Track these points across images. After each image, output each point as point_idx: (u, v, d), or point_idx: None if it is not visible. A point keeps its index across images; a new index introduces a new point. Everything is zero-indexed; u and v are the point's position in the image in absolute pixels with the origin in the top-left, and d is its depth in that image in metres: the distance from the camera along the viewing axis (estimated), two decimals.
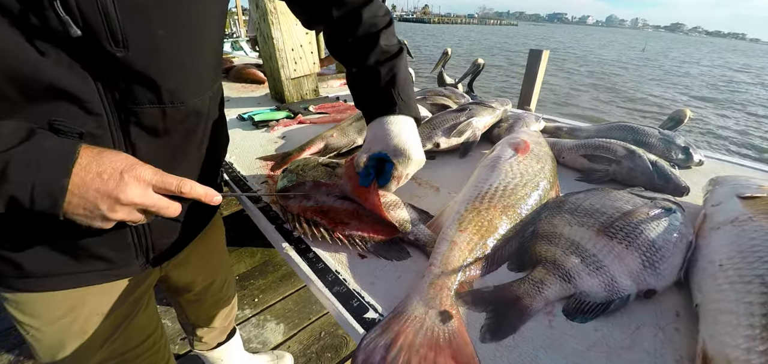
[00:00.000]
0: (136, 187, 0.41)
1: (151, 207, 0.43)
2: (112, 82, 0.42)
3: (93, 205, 0.39)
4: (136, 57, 0.42)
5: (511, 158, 0.69)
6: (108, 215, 0.40)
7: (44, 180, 0.36)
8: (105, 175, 0.39)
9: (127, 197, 0.40)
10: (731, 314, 0.38)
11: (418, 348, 0.38)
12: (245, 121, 1.24)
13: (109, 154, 0.40)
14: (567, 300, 0.46)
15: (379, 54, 0.62)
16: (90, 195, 0.38)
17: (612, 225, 0.51)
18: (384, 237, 0.58)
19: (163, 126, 0.49)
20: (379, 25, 0.63)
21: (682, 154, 0.83)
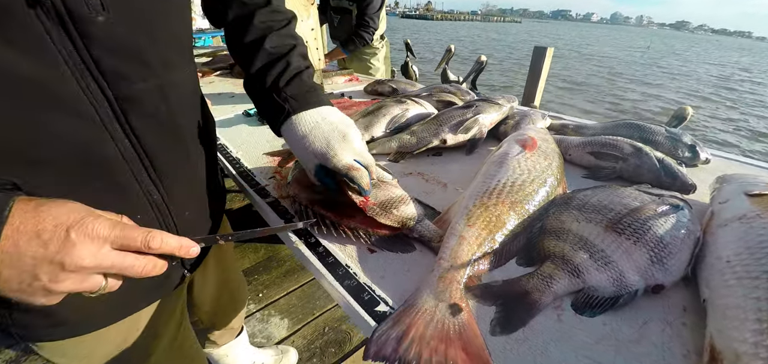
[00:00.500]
0: (87, 246, 0.31)
1: (110, 269, 0.33)
2: (99, 61, 0.35)
3: (30, 275, 0.30)
4: (120, 20, 0.35)
5: (518, 155, 0.69)
6: (50, 287, 0.31)
7: None
8: (45, 234, 0.30)
9: (75, 261, 0.31)
10: (739, 309, 0.39)
11: (429, 340, 0.39)
12: (251, 117, 1.25)
13: (51, 207, 0.31)
14: (576, 295, 0.47)
15: (265, 57, 0.57)
16: (25, 263, 0.29)
17: (620, 221, 0.51)
18: (388, 232, 0.58)
19: (165, 107, 0.43)
20: (274, 27, 0.59)
21: (688, 152, 0.83)
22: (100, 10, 0.34)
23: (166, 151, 0.45)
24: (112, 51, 0.36)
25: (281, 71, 0.57)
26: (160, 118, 0.44)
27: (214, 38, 6.18)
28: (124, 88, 0.38)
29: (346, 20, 2.29)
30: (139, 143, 0.41)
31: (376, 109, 1.04)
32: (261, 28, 0.58)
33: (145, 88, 0.40)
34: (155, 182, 0.45)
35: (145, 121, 0.41)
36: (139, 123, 0.41)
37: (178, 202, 0.50)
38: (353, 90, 1.70)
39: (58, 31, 0.32)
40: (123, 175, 0.41)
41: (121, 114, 0.39)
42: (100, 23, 0.34)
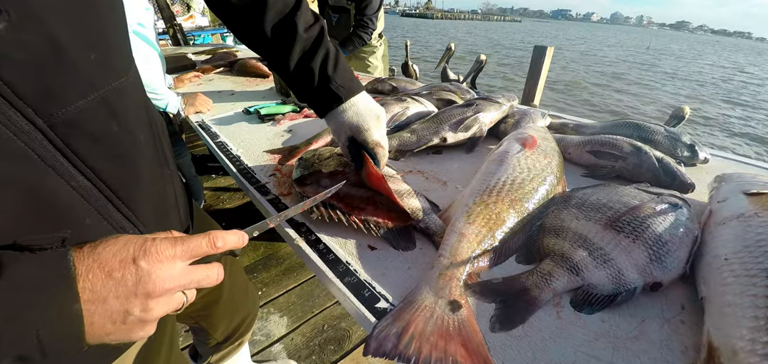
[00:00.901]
0: (161, 269, 0.31)
1: (189, 286, 0.33)
2: (14, 84, 0.27)
3: (121, 314, 0.29)
4: (26, 24, 0.27)
5: (518, 153, 0.69)
6: (145, 317, 0.30)
7: (49, 320, 0.26)
8: (116, 273, 0.29)
9: (158, 287, 0.31)
10: (736, 306, 0.39)
11: (428, 336, 0.39)
12: (251, 115, 1.25)
13: (105, 246, 0.30)
14: (574, 292, 0.47)
15: (304, 44, 0.58)
16: (111, 306, 0.29)
17: (619, 219, 0.52)
18: (397, 224, 0.59)
19: (117, 124, 0.36)
20: (290, 4, 0.57)
21: (687, 151, 0.84)
22: (2, 13, 0.25)
23: (127, 174, 0.38)
24: (28, 66, 0.27)
25: (325, 58, 0.60)
26: (110, 137, 0.36)
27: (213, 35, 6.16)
28: (57, 110, 0.30)
29: (344, 20, 2.29)
30: (95, 174, 0.34)
31: None
32: (279, 6, 0.57)
33: (85, 106, 0.32)
34: (125, 213, 0.38)
35: (94, 146, 0.34)
36: (87, 150, 0.33)
37: (152, 224, 0.43)
38: None
39: None
40: (88, 215, 0.34)
41: (63, 144, 0.31)
42: (3, 31, 0.25)
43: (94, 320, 0.28)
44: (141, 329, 0.31)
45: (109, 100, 0.35)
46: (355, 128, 0.61)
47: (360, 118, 0.61)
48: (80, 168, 0.33)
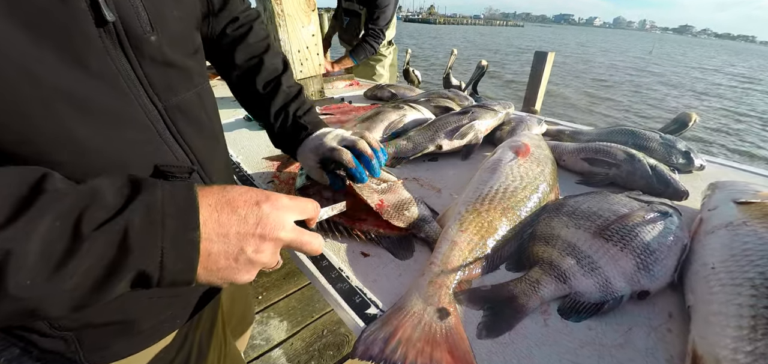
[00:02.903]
0: (279, 216, 0.35)
1: (295, 242, 0.37)
2: (150, 76, 0.38)
3: (236, 249, 0.32)
4: (165, 39, 0.39)
5: (511, 161, 0.70)
6: (254, 258, 0.33)
7: (174, 238, 0.29)
8: (241, 210, 0.33)
9: (273, 232, 0.34)
10: (721, 315, 0.40)
11: (415, 342, 0.40)
12: (252, 122, 1.26)
13: (233, 188, 0.34)
14: (562, 300, 0.47)
15: (285, 96, 0.69)
16: (231, 238, 0.32)
17: (608, 228, 0.52)
18: (397, 233, 0.60)
19: (205, 113, 0.48)
20: (279, 69, 0.70)
21: (683, 158, 0.84)
22: (151, 31, 0.37)
23: (208, 151, 0.49)
24: (161, 65, 0.39)
25: (299, 106, 0.70)
26: (201, 123, 0.47)
27: None
28: (172, 99, 0.41)
29: (354, 23, 2.30)
30: (189, 148, 0.44)
31: (374, 114, 1.06)
32: (272, 70, 0.69)
33: (187, 97, 0.44)
34: (206, 181, 0.49)
35: (190, 127, 0.45)
36: (186, 130, 0.44)
37: None
38: (353, 94, 1.71)
39: (116, 50, 0.34)
40: (183, 180, 0.44)
41: (172, 123, 0.42)
42: (153, 42, 0.37)
43: (212, 251, 0.31)
44: (247, 272, 0.34)
45: (201, 94, 0.47)
46: (314, 148, 0.64)
47: (318, 138, 0.65)
48: (180, 143, 0.43)
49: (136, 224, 0.27)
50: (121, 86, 0.35)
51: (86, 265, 0.25)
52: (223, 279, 0.33)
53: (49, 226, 0.24)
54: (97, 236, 0.26)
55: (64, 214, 0.25)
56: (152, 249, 0.28)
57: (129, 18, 0.35)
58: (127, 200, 0.28)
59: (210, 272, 0.32)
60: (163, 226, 0.28)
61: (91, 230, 0.26)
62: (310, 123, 0.68)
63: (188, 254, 0.30)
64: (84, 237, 0.25)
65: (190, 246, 0.30)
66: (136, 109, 0.37)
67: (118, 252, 0.26)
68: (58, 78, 0.30)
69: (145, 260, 0.28)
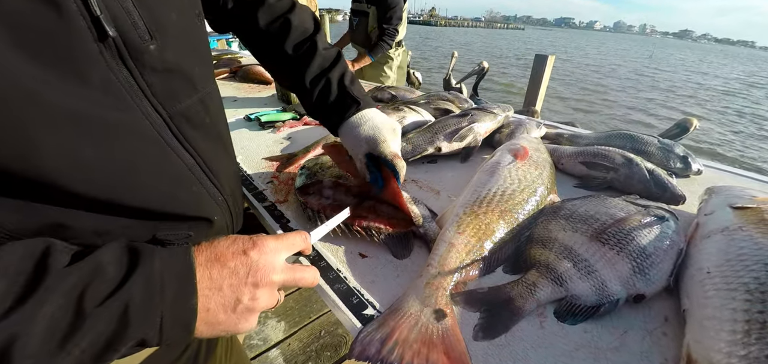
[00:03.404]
0: (268, 262, 0.36)
1: (288, 282, 0.38)
2: (152, 85, 0.38)
3: (233, 300, 0.34)
4: (166, 46, 0.39)
5: (510, 164, 0.70)
6: (251, 305, 0.35)
7: (173, 305, 0.30)
8: (230, 263, 0.34)
9: (265, 278, 0.35)
10: (715, 319, 0.40)
11: (411, 343, 0.40)
12: (252, 122, 1.27)
13: (219, 242, 0.36)
14: (558, 302, 0.48)
15: (322, 61, 0.63)
16: (225, 293, 0.33)
17: (605, 231, 0.53)
18: (396, 230, 0.61)
19: (207, 117, 0.47)
20: (310, 30, 0.64)
21: (680, 163, 0.84)
22: (149, 39, 0.36)
23: (214, 153, 0.49)
24: (163, 74, 0.39)
25: (342, 73, 0.64)
26: (206, 128, 0.47)
27: (219, 41, 6.25)
28: (176, 106, 0.41)
29: (362, 23, 2.31)
30: (196, 152, 0.45)
31: None
32: (302, 30, 0.63)
33: (191, 104, 0.44)
34: (215, 183, 0.49)
35: (196, 132, 0.45)
36: (192, 134, 0.44)
37: (228, 192, 0.53)
38: None
39: (117, 63, 0.34)
40: (194, 184, 0.45)
41: (178, 131, 0.42)
42: (152, 51, 0.37)
43: (210, 306, 0.33)
44: (246, 320, 0.35)
45: (204, 100, 0.47)
46: (372, 141, 0.60)
47: (377, 130, 0.60)
48: (187, 148, 0.43)
49: (137, 298, 0.29)
50: (124, 98, 0.35)
51: (88, 340, 0.27)
52: (226, 331, 0.34)
53: (54, 306, 0.26)
54: (99, 312, 0.27)
55: (67, 291, 0.27)
56: (152, 318, 0.30)
57: (126, 30, 0.35)
58: (127, 272, 0.30)
59: (211, 325, 0.33)
60: (162, 295, 0.30)
61: (93, 306, 0.27)
62: (360, 97, 0.63)
63: (186, 319, 0.32)
64: (87, 314, 0.27)
65: (189, 312, 0.32)
66: (141, 119, 0.37)
67: (119, 325, 0.28)
68: (62, 98, 0.30)
69: (145, 330, 0.29)
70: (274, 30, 0.63)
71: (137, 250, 0.32)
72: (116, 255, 0.30)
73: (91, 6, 0.30)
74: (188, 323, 0.32)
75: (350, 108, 0.62)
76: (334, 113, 0.64)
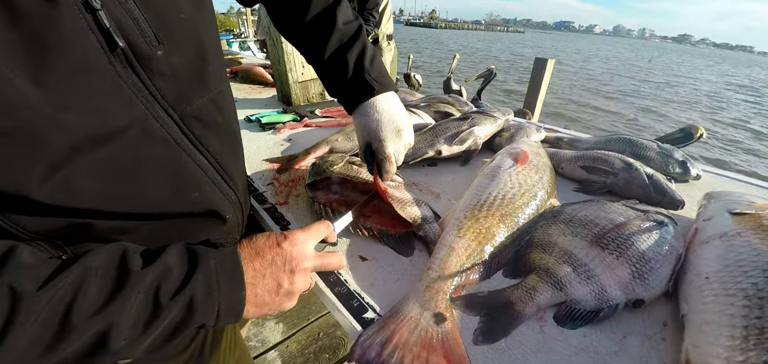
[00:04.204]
0: (300, 251, 0.43)
1: (318, 267, 0.46)
2: (161, 89, 0.38)
3: (275, 286, 0.41)
4: (174, 49, 0.39)
5: (510, 168, 0.71)
6: (291, 289, 0.42)
7: (227, 296, 0.37)
8: (268, 255, 0.41)
9: (299, 264, 0.43)
10: (714, 324, 0.40)
11: (412, 347, 0.40)
12: (253, 123, 1.27)
13: (256, 238, 0.43)
14: (558, 307, 0.48)
15: (341, 36, 0.61)
16: (268, 281, 0.41)
17: (604, 236, 0.53)
18: (399, 230, 0.62)
19: (220, 117, 0.48)
20: (330, 0, 0.62)
21: (679, 168, 0.85)
22: (157, 45, 0.37)
23: (227, 152, 0.50)
24: (172, 78, 0.39)
25: (361, 51, 0.62)
26: (219, 127, 0.48)
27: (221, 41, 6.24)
28: (187, 108, 0.42)
29: None
30: (209, 152, 0.46)
31: None
32: (323, 2, 0.61)
33: (202, 104, 0.44)
34: (228, 182, 0.50)
35: (208, 132, 0.45)
36: (204, 134, 0.45)
37: (241, 189, 0.55)
38: None
39: (126, 71, 0.35)
40: (207, 183, 0.46)
41: (190, 132, 0.42)
42: (160, 56, 0.38)
43: (257, 292, 0.40)
44: (288, 300, 0.42)
45: (216, 100, 0.47)
46: (372, 134, 0.61)
47: (380, 125, 0.61)
48: (199, 149, 0.44)
49: (199, 293, 0.35)
50: (134, 103, 0.36)
51: (164, 326, 0.33)
52: (272, 311, 0.41)
53: (138, 301, 0.32)
54: (171, 304, 0.34)
55: (146, 289, 0.33)
56: (211, 308, 0.36)
57: (134, 38, 0.35)
58: (189, 271, 0.36)
59: (259, 307, 0.40)
60: (219, 289, 0.37)
61: (167, 300, 0.33)
62: (377, 81, 0.61)
63: (237, 307, 0.38)
64: (163, 306, 0.33)
65: (239, 302, 0.39)
66: (153, 123, 0.38)
67: (186, 313, 0.35)
68: (78, 116, 0.31)
69: (206, 317, 0.36)
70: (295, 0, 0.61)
71: (195, 252, 0.38)
72: (179, 257, 0.36)
73: (100, 20, 0.31)
74: (238, 310, 0.38)
75: (363, 96, 0.61)
76: (349, 96, 0.63)
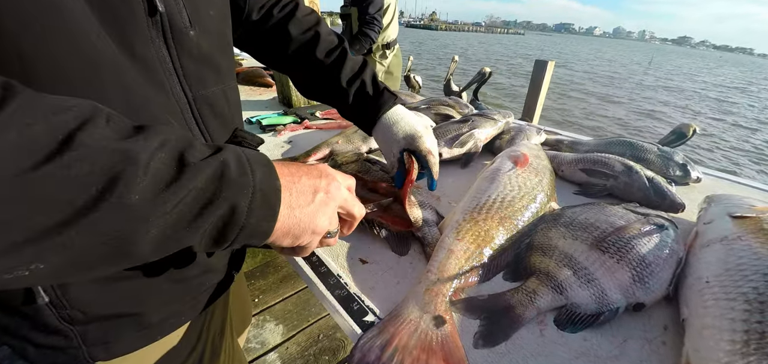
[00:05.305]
0: (333, 171, 0.42)
1: (347, 203, 0.42)
2: (185, 67, 0.41)
3: (312, 190, 0.37)
4: (202, 35, 0.42)
5: (510, 171, 0.71)
6: (327, 199, 0.38)
7: (262, 182, 0.31)
8: (302, 166, 0.39)
9: (334, 178, 0.40)
10: (714, 328, 0.40)
11: (411, 350, 0.40)
12: (253, 125, 1.27)
13: (289, 164, 0.40)
14: (558, 310, 0.48)
15: (353, 64, 0.68)
16: (305, 183, 0.37)
17: (605, 239, 0.53)
18: (398, 228, 0.63)
19: (227, 108, 0.50)
20: (336, 40, 0.69)
21: (680, 170, 0.85)
22: (190, 26, 0.40)
23: (229, 142, 0.51)
24: (196, 60, 0.42)
25: (373, 74, 0.68)
26: (225, 118, 0.49)
27: None
28: (202, 91, 0.44)
29: (347, 25, 2.34)
30: (211, 139, 0.47)
31: None
32: (330, 41, 0.68)
33: (215, 91, 0.46)
34: None
35: (215, 120, 0.47)
36: (210, 122, 0.46)
37: None
38: None
39: (159, 40, 0.37)
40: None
41: (198, 114, 0.44)
42: (191, 36, 0.40)
43: (292, 190, 0.35)
44: (323, 212, 0.38)
45: (226, 91, 0.49)
46: (409, 138, 0.64)
47: (412, 127, 0.64)
48: (203, 132, 0.45)
49: (232, 164, 0.30)
50: (158, 73, 0.38)
51: (189, 189, 0.26)
52: (306, 219, 0.36)
53: (157, 150, 0.26)
54: (201, 166, 0.27)
55: (169, 147, 0.27)
56: (246, 188, 0.30)
57: (173, 12, 0.38)
58: (216, 150, 0.30)
59: (292, 210, 0.35)
60: (253, 172, 0.31)
61: (195, 160, 0.27)
62: (394, 94, 0.67)
63: (272, 199, 0.33)
64: (189, 165, 0.27)
65: (275, 192, 0.33)
66: (169, 96, 0.39)
67: (218, 185, 0.28)
68: (115, 61, 0.32)
69: (239, 196, 0.29)
70: (306, 41, 0.67)
71: (217, 144, 0.32)
72: (199, 141, 0.30)
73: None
74: (274, 202, 0.33)
75: (388, 102, 0.66)
76: (371, 109, 0.67)
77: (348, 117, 0.70)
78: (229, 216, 0.29)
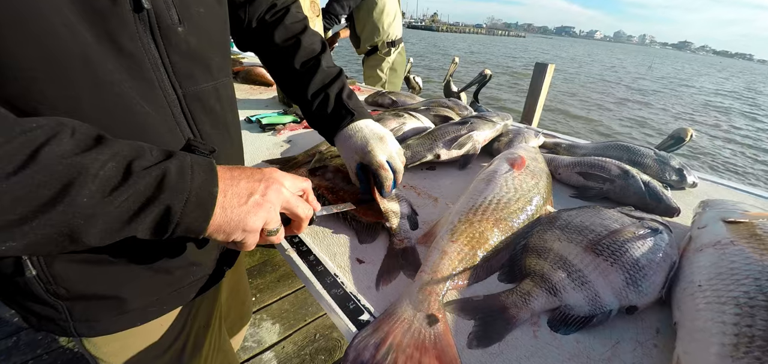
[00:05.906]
0: (278, 175, 0.43)
1: (290, 203, 0.44)
2: (174, 63, 0.42)
3: (247, 194, 0.40)
4: (191, 32, 0.43)
5: (506, 173, 0.71)
6: (261, 202, 0.40)
7: (200, 188, 0.35)
8: (246, 171, 0.41)
9: (275, 180, 0.42)
10: (705, 332, 0.40)
11: (405, 348, 0.41)
12: (253, 124, 1.28)
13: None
14: (552, 312, 0.48)
15: (324, 77, 0.69)
16: (242, 186, 0.40)
17: (599, 242, 0.53)
18: (369, 219, 0.66)
19: (219, 105, 0.50)
20: (317, 50, 0.71)
21: (676, 175, 0.85)
22: (178, 23, 0.41)
23: (219, 142, 0.52)
24: (185, 56, 0.43)
25: (341, 88, 0.70)
26: (216, 115, 0.50)
27: None
28: (191, 87, 0.45)
29: (351, 24, 2.38)
30: (201, 135, 0.48)
31: None
32: (309, 50, 0.70)
33: (205, 88, 0.47)
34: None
35: (206, 117, 0.48)
36: (201, 118, 0.47)
37: None
38: None
39: (146, 36, 0.38)
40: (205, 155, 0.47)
41: (188, 110, 0.45)
42: (180, 33, 0.41)
43: (227, 193, 0.38)
44: (255, 214, 0.40)
45: (217, 88, 0.50)
46: (360, 150, 0.65)
47: (364, 140, 0.65)
48: (192, 129, 0.46)
49: (173, 172, 0.34)
50: (146, 69, 0.39)
51: (130, 193, 0.31)
52: (236, 221, 0.39)
53: (108, 165, 0.31)
54: (143, 174, 0.32)
55: (119, 157, 0.32)
56: (181, 192, 0.34)
57: (160, 9, 0.39)
58: (165, 157, 0.35)
59: (225, 211, 0.38)
60: (192, 177, 0.35)
61: (139, 170, 0.32)
62: (355, 109, 0.68)
63: (207, 204, 0.36)
64: (134, 173, 0.32)
65: (210, 197, 0.37)
66: (157, 92, 0.40)
67: (156, 189, 0.33)
68: (101, 62, 0.34)
69: (174, 199, 0.34)
70: (286, 47, 0.69)
71: (171, 151, 0.37)
72: (156, 149, 0.35)
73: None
74: (208, 206, 0.36)
75: (345, 118, 0.67)
76: (331, 123, 0.69)
77: (312, 126, 0.73)
78: (164, 215, 0.34)
